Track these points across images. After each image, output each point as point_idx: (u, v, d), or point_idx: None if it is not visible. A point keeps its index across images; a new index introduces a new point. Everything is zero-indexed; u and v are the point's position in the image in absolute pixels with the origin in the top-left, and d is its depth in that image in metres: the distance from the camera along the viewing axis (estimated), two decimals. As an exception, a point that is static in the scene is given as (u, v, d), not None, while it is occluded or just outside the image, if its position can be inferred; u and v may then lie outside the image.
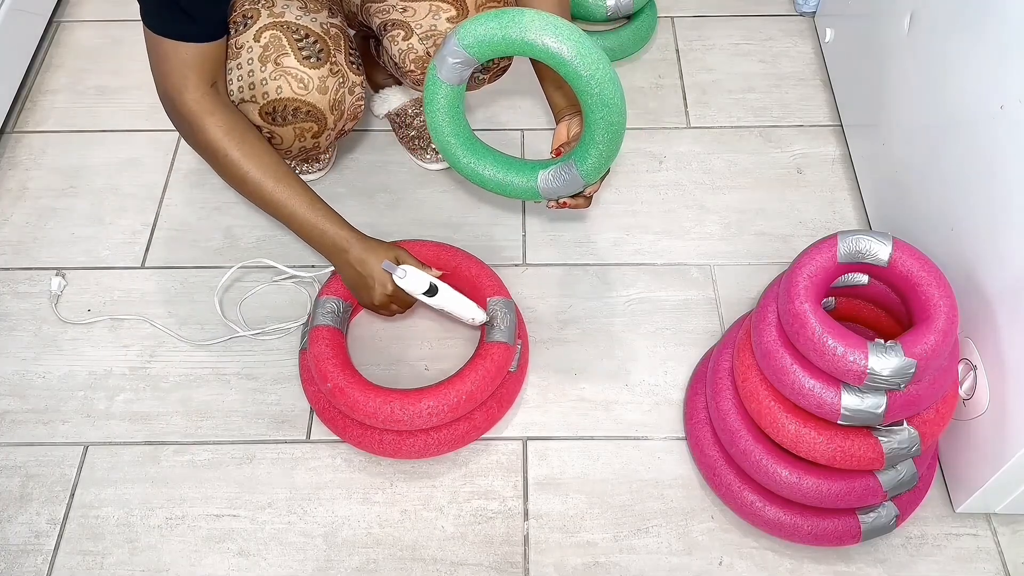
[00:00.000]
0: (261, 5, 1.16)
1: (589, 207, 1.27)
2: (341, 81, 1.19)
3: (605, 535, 1.14)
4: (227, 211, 1.45)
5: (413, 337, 1.31)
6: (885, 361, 0.93)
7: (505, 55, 1.07)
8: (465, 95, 1.16)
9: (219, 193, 1.46)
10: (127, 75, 1.63)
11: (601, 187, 1.23)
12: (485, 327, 1.22)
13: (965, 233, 1.09)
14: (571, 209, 1.24)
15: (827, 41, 1.60)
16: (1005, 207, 1.00)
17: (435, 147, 1.35)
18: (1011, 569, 1.11)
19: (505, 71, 1.30)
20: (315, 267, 1.36)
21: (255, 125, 1.16)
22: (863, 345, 0.94)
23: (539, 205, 1.44)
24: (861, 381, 0.95)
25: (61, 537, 1.15)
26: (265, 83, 1.15)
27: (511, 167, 1.20)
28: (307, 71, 1.16)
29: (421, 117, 1.47)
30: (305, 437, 1.23)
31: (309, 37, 1.16)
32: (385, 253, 1.16)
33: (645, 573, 1.12)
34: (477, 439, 1.21)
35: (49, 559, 1.13)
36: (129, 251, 1.41)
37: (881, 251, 1.00)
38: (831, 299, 1.13)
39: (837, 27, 1.56)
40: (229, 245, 1.41)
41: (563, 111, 1.23)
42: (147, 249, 1.41)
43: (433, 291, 1.15)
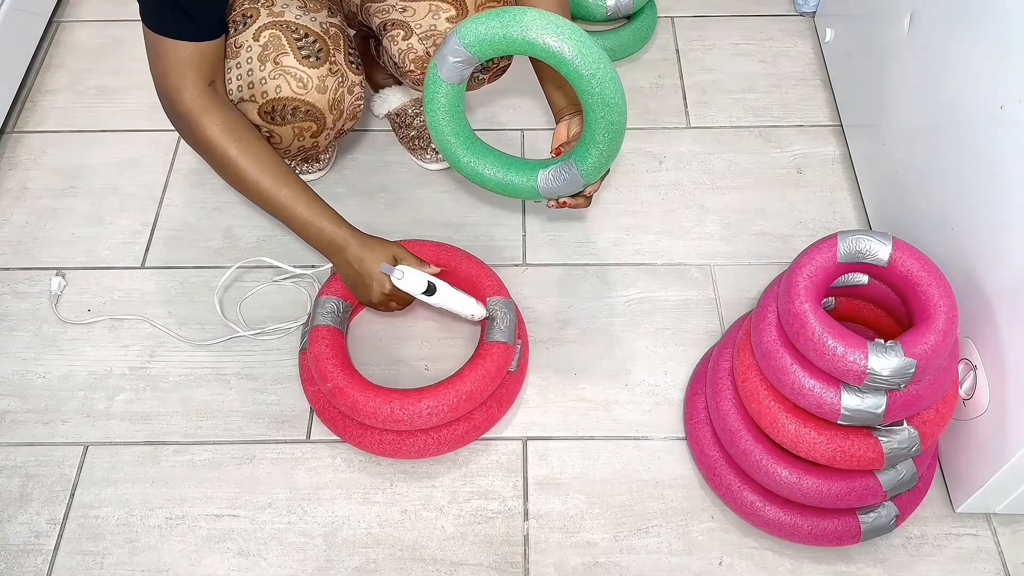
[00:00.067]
0: (261, 4, 1.16)
1: (589, 207, 1.27)
2: (340, 80, 1.19)
3: (605, 535, 1.14)
4: (227, 211, 1.45)
5: (413, 337, 1.31)
6: (885, 361, 0.93)
7: (506, 54, 1.07)
8: (465, 95, 1.16)
9: (219, 193, 1.46)
10: (127, 75, 1.63)
11: (601, 187, 1.23)
12: (485, 326, 1.22)
13: (965, 233, 1.09)
14: (571, 209, 1.24)
15: (827, 41, 1.60)
16: (1005, 207, 1.00)
17: (435, 147, 1.35)
18: (1011, 569, 1.11)
19: (505, 71, 1.30)
20: (315, 267, 1.36)
21: (254, 124, 1.16)
22: (863, 345, 0.94)
23: (539, 205, 1.44)
24: (861, 381, 0.95)
25: (61, 537, 1.15)
26: (264, 82, 1.14)
27: (511, 167, 1.20)
28: (306, 70, 1.16)
29: (421, 117, 1.47)
30: (305, 437, 1.23)
31: (308, 36, 1.16)
32: (382, 251, 1.15)
33: (645, 573, 1.12)
34: (477, 439, 1.21)
35: (49, 559, 1.13)
36: (129, 251, 1.41)
37: (881, 251, 1.00)
38: (831, 299, 1.13)
39: (837, 27, 1.56)
40: (229, 245, 1.41)
41: (563, 111, 1.23)
42: (147, 249, 1.41)
43: (432, 290, 1.15)
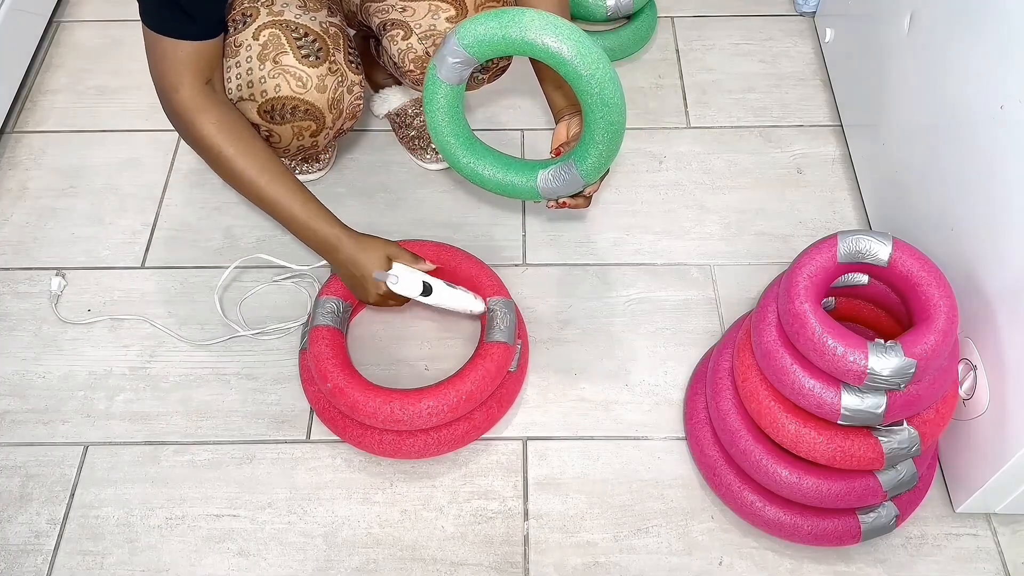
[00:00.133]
0: (260, 3, 1.16)
1: (589, 207, 1.27)
2: (340, 80, 1.19)
3: (605, 535, 1.14)
4: (227, 211, 1.45)
5: (413, 337, 1.31)
6: (885, 361, 0.93)
7: (505, 55, 1.07)
8: (465, 95, 1.16)
9: (219, 193, 1.46)
10: (127, 75, 1.63)
11: (601, 187, 1.23)
12: (485, 327, 1.22)
13: (965, 233, 1.09)
14: (571, 209, 1.24)
15: (827, 41, 1.60)
16: (1005, 207, 1.00)
17: (435, 147, 1.35)
18: (1011, 569, 1.11)
19: (504, 71, 1.30)
20: (315, 266, 1.36)
21: (253, 123, 1.16)
22: (863, 345, 0.94)
23: (539, 205, 1.44)
24: (861, 381, 0.95)
25: (61, 537, 1.15)
26: (263, 81, 1.14)
27: (511, 167, 1.20)
28: (306, 70, 1.16)
29: (421, 117, 1.47)
30: (305, 437, 1.23)
31: (308, 36, 1.16)
32: (376, 251, 1.15)
33: (645, 573, 1.12)
34: (477, 439, 1.21)
35: (49, 559, 1.13)
36: (129, 251, 1.41)
37: (881, 251, 1.00)
38: (831, 299, 1.13)
39: (837, 27, 1.56)
40: (229, 245, 1.41)
41: (563, 111, 1.23)
42: (147, 249, 1.41)
43: (428, 290, 1.15)
